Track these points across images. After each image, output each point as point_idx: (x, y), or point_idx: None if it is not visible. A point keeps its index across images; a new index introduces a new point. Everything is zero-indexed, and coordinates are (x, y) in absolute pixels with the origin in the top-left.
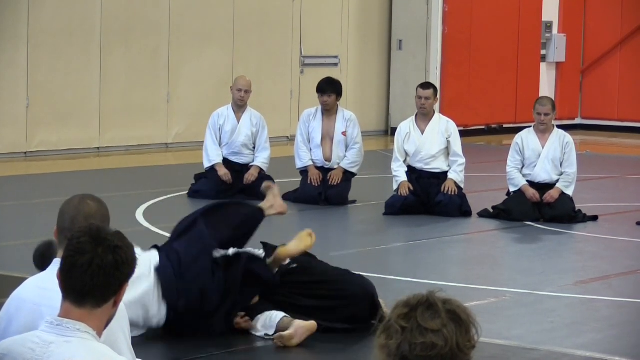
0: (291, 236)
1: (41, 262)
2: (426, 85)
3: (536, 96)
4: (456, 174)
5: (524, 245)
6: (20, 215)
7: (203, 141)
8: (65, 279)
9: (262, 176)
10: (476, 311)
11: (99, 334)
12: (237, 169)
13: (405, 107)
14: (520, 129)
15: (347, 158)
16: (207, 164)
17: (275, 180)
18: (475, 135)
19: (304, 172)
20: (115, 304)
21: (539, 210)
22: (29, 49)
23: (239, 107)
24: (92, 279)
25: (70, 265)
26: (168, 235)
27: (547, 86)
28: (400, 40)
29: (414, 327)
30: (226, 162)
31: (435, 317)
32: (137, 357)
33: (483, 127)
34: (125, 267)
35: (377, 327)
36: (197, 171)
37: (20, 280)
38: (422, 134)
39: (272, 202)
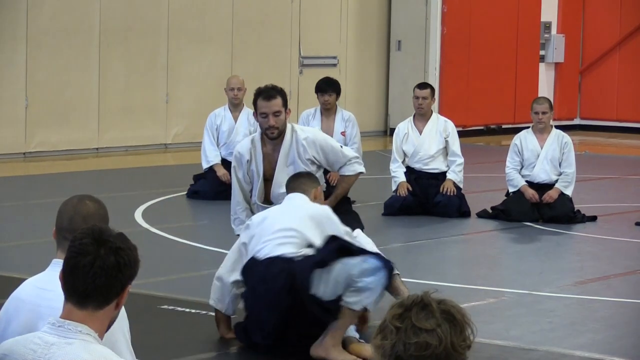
0: None
1: None
2: (423, 86)
3: (535, 97)
4: (455, 174)
5: (522, 245)
6: (19, 215)
7: (201, 142)
8: (68, 280)
9: None
10: (475, 312)
11: (101, 336)
12: None
13: (404, 107)
14: (519, 130)
15: None
16: (205, 165)
17: None
18: (474, 136)
19: None
20: (118, 306)
21: (537, 210)
22: (27, 50)
23: (235, 106)
24: (94, 280)
25: (72, 267)
26: (167, 235)
27: (546, 87)
28: (399, 41)
29: (408, 327)
30: (225, 162)
31: (429, 317)
32: (137, 357)
33: (482, 127)
34: (128, 269)
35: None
36: (196, 172)
37: (20, 281)
38: (420, 134)
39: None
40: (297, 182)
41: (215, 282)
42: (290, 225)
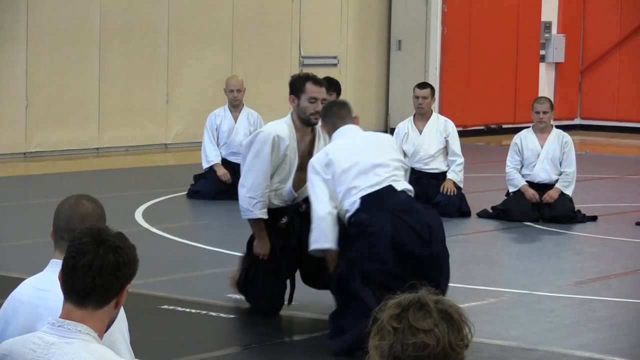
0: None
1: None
2: (423, 85)
3: (535, 96)
4: (455, 174)
5: (523, 245)
6: (19, 215)
7: (202, 142)
8: (67, 280)
9: None
10: (475, 311)
11: (100, 336)
12: (236, 169)
13: (405, 107)
14: (519, 129)
15: None
16: (205, 165)
17: None
18: (475, 136)
19: None
20: (117, 305)
21: (538, 210)
22: (28, 49)
23: (235, 106)
24: (94, 279)
25: (71, 266)
26: (167, 235)
27: (546, 86)
28: (400, 41)
29: (405, 327)
30: (225, 162)
31: (427, 317)
32: (136, 357)
33: (482, 127)
34: (127, 267)
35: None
36: (196, 171)
37: (20, 281)
38: (420, 134)
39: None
40: (344, 110)
41: (320, 226)
42: (388, 160)
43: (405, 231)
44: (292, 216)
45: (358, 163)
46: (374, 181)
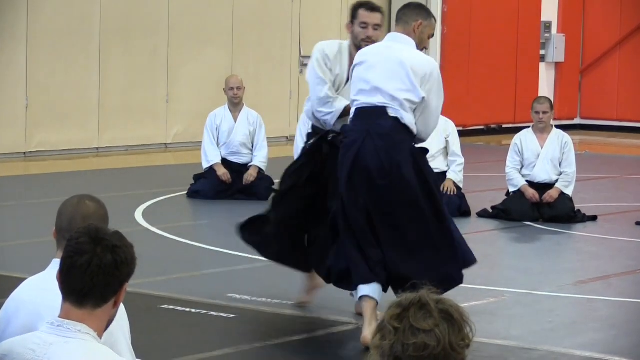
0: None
1: None
2: None
3: (535, 96)
4: (455, 174)
5: (523, 245)
6: (19, 215)
7: (202, 141)
8: (65, 279)
9: (262, 176)
10: (475, 311)
11: (100, 335)
12: (236, 169)
13: None
14: (519, 129)
15: None
16: (205, 165)
17: (275, 181)
18: (475, 136)
19: None
20: (116, 304)
21: (538, 210)
22: (28, 49)
23: (235, 105)
24: (92, 279)
25: (69, 266)
26: (167, 235)
27: (546, 86)
28: None
29: (406, 327)
30: (225, 162)
31: (428, 317)
32: (137, 357)
33: (482, 127)
34: (125, 266)
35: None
36: (196, 171)
37: (20, 281)
38: None
39: None
40: (403, 13)
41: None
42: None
43: (370, 151)
44: (318, 140)
45: (365, 80)
46: (370, 101)
